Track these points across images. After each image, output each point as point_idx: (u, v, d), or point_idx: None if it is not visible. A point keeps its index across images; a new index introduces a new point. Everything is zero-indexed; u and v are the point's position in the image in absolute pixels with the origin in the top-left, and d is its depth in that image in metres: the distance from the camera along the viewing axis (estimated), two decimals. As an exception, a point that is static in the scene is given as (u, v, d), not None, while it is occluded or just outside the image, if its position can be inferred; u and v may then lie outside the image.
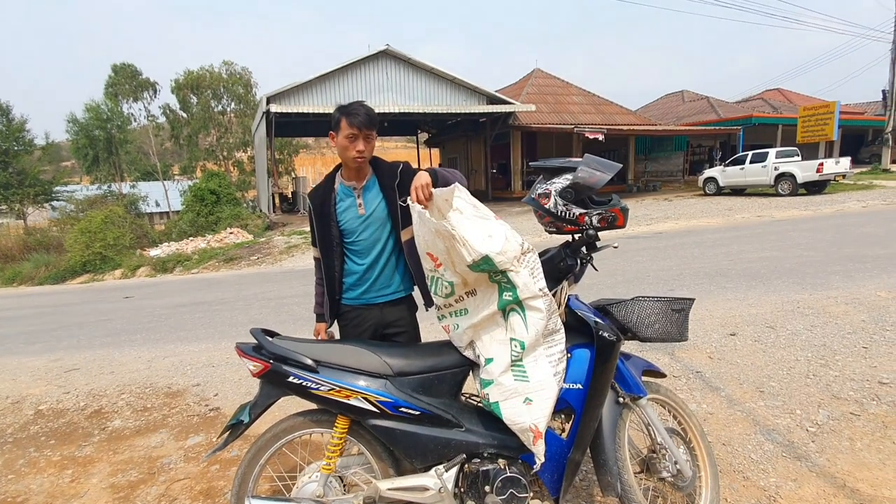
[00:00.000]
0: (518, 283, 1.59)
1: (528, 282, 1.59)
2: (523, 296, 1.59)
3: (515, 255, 1.58)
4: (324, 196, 2.02)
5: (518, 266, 1.59)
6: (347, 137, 1.87)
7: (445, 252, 1.63)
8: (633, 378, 1.87)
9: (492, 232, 1.59)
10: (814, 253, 6.84)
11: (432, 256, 1.70)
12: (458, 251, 1.56)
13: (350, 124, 1.85)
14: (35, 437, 3.12)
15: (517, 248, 1.59)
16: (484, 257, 1.54)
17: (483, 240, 1.56)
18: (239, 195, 23.62)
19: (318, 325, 2.17)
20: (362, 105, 1.90)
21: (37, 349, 5.31)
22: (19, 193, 22.21)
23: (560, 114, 21.06)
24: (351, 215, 2.00)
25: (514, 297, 1.61)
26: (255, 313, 6.22)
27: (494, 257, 1.54)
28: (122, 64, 28.57)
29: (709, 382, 3.15)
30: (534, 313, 1.61)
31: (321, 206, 2.02)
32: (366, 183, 2.00)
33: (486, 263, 1.56)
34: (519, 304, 1.63)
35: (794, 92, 31.95)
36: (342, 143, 1.89)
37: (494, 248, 1.55)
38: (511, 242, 1.58)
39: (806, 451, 2.41)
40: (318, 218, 2.03)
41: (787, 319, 4.11)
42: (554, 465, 1.71)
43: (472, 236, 1.56)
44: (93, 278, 12.53)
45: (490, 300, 1.67)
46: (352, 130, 1.85)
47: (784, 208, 12.71)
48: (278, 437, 1.80)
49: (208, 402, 3.48)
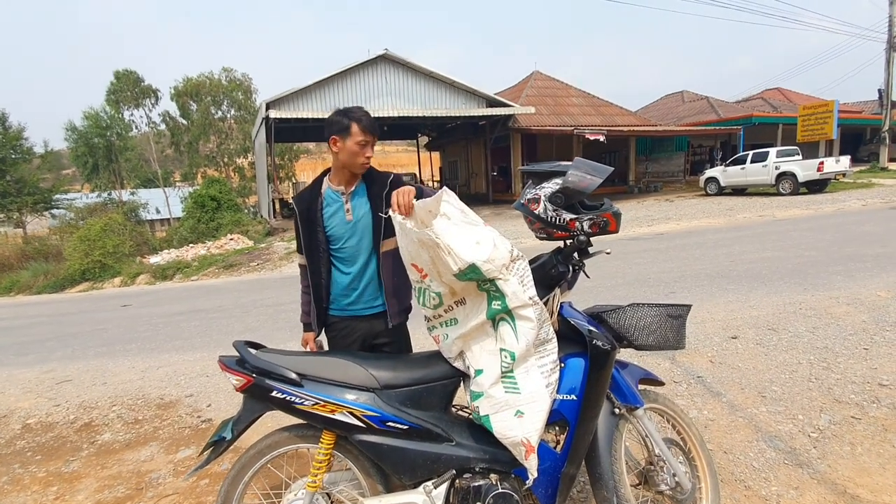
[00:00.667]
0: (507, 291, 1.53)
1: (517, 290, 1.54)
2: (513, 305, 1.54)
3: (504, 262, 1.52)
4: (310, 201, 1.99)
5: (507, 274, 1.53)
6: (359, 143, 1.87)
7: (430, 262, 1.58)
8: (629, 388, 1.82)
9: (479, 238, 1.54)
10: (815, 252, 6.77)
11: (417, 267, 1.65)
12: (444, 260, 1.51)
13: (363, 130, 1.86)
14: (21, 453, 3.06)
15: (506, 255, 1.53)
16: (470, 266, 1.48)
17: (470, 247, 1.51)
18: (240, 201, 23.65)
19: (305, 335, 2.11)
20: (365, 111, 1.92)
21: (29, 360, 5.25)
22: (17, 202, 22.22)
23: (560, 116, 21.02)
24: (338, 221, 1.96)
25: (503, 306, 1.55)
26: (251, 321, 6.17)
27: (482, 265, 1.49)
28: (125, 70, 28.61)
29: (710, 388, 3.09)
30: (524, 323, 1.56)
31: (307, 212, 1.99)
32: (354, 189, 1.97)
33: (473, 272, 1.50)
34: (508, 314, 1.57)
35: (794, 91, 31.89)
36: (352, 149, 1.87)
37: (481, 256, 1.49)
38: (500, 249, 1.53)
39: (808, 457, 2.35)
40: (304, 224, 1.99)
41: (790, 321, 4.04)
42: (548, 479, 1.65)
43: (457, 244, 1.50)
44: (92, 286, 12.50)
45: (479, 309, 1.62)
46: (364, 137, 1.87)
47: (785, 207, 12.64)
48: (262, 454, 1.74)
49: (201, 413, 3.42)
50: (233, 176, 31.05)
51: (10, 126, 22.76)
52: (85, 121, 25.41)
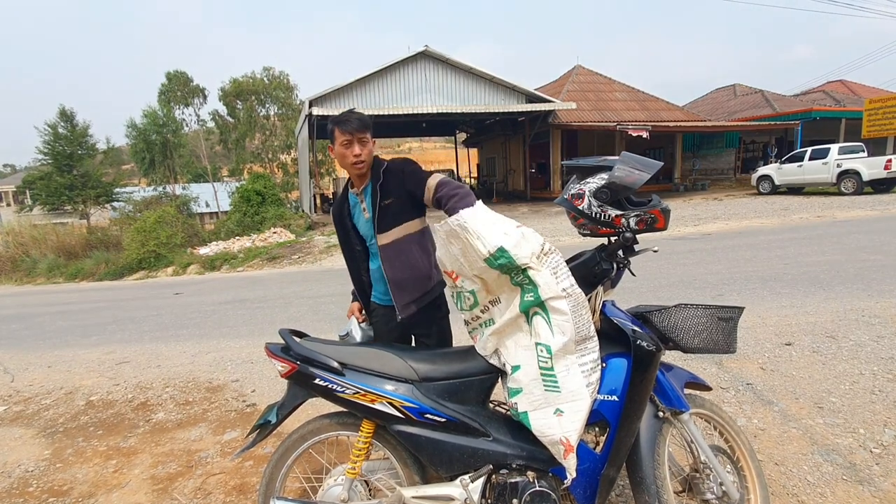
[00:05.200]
0: (539, 281, 1.50)
1: (549, 281, 1.51)
2: (545, 295, 1.51)
3: (534, 252, 1.50)
4: (340, 208, 2.13)
5: (538, 264, 1.51)
6: (342, 144, 1.91)
7: (462, 255, 1.57)
8: (674, 391, 1.75)
9: (507, 230, 1.53)
10: (881, 257, 6.30)
11: (450, 274, 1.66)
12: (474, 246, 1.50)
13: (342, 131, 1.89)
14: (84, 427, 3.29)
15: (537, 247, 1.51)
16: (500, 248, 1.48)
17: (499, 234, 1.50)
18: (283, 196, 24.41)
19: (351, 305, 2.24)
20: (353, 112, 1.94)
21: (92, 342, 5.63)
22: (82, 194, 23.78)
23: (602, 111, 20.49)
24: (362, 221, 2.07)
25: (535, 297, 1.52)
26: (294, 311, 6.37)
27: (511, 249, 1.48)
28: (176, 72, 30.17)
29: (760, 396, 2.94)
30: (558, 315, 1.52)
31: (339, 216, 2.13)
32: (364, 188, 2.03)
33: (503, 256, 1.49)
34: (542, 307, 1.54)
35: (859, 83, 29.78)
36: (339, 152, 1.93)
37: (509, 241, 1.48)
38: (529, 240, 1.51)
39: (869, 474, 2.20)
40: (339, 230, 2.15)
41: (851, 329, 3.79)
42: (587, 480, 1.62)
43: (486, 231, 1.50)
44: (147, 275, 13.24)
45: (513, 304, 1.60)
46: (345, 137, 1.89)
47: (847, 208, 11.83)
48: (305, 439, 1.79)
49: (245, 397, 3.57)
50: (277, 171, 32.13)
51: (77, 124, 24.34)
52: (144, 118, 26.88)
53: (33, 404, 3.78)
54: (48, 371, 4.58)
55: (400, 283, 1.98)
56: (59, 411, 3.60)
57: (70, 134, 23.89)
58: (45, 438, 3.16)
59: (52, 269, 14.90)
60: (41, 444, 3.08)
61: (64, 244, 16.87)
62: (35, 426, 3.37)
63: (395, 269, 1.97)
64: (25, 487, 2.60)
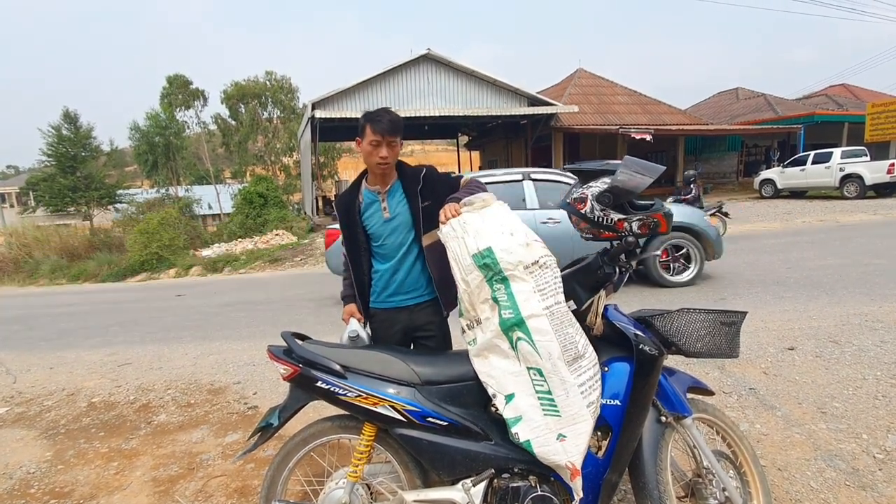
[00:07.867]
0: (515, 291, 1.49)
1: (529, 296, 1.49)
2: (524, 312, 1.48)
3: (523, 262, 1.49)
4: (348, 203, 2.08)
5: (524, 275, 1.49)
6: (371, 143, 1.90)
7: (458, 253, 1.57)
8: (676, 395, 1.75)
9: (515, 231, 1.52)
10: (884, 261, 6.28)
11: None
12: (466, 244, 1.51)
13: (374, 131, 1.88)
14: (86, 429, 3.29)
15: (531, 257, 1.50)
16: (487, 248, 1.48)
17: (498, 234, 1.49)
18: (285, 198, 24.43)
19: (348, 307, 2.13)
20: (387, 112, 1.92)
21: (94, 343, 5.64)
22: (86, 196, 23.83)
23: (604, 114, 20.51)
24: (376, 220, 2.03)
25: (515, 315, 1.50)
26: (295, 314, 6.37)
27: (498, 252, 1.47)
28: (175, 75, 30.33)
29: (763, 400, 2.93)
30: (540, 336, 1.50)
31: (346, 213, 2.08)
32: (390, 188, 2.02)
33: (488, 256, 1.48)
34: (523, 329, 1.51)
35: (862, 87, 29.74)
36: (366, 149, 1.92)
37: (502, 244, 1.48)
38: (530, 249, 1.50)
39: (872, 479, 2.19)
40: (345, 225, 2.10)
41: (854, 333, 3.77)
42: (589, 485, 1.61)
43: (487, 229, 1.50)
44: (150, 276, 13.26)
45: (493, 324, 1.57)
46: (375, 137, 1.88)
47: (850, 212, 11.80)
48: (306, 442, 1.80)
49: (247, 400, 3.56)
50: (279, 174, 32.19)
51: (80, 126, 24.42)
52: (147, 121, 26.96)
53: (35, 406, 3.78)
54: (50, 372, 4.58)
55: (445, 281, 1.95)
56: (60, 413, 3.61)
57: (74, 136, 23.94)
58: (46, 440, 3.17)
59: (54, 271, 14.92)
60: (43, 446, 3.08)
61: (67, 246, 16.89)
62: (37, 427, 3.37)
63: (440, 268, 1.95)
64: (27, 489, 2.60)
